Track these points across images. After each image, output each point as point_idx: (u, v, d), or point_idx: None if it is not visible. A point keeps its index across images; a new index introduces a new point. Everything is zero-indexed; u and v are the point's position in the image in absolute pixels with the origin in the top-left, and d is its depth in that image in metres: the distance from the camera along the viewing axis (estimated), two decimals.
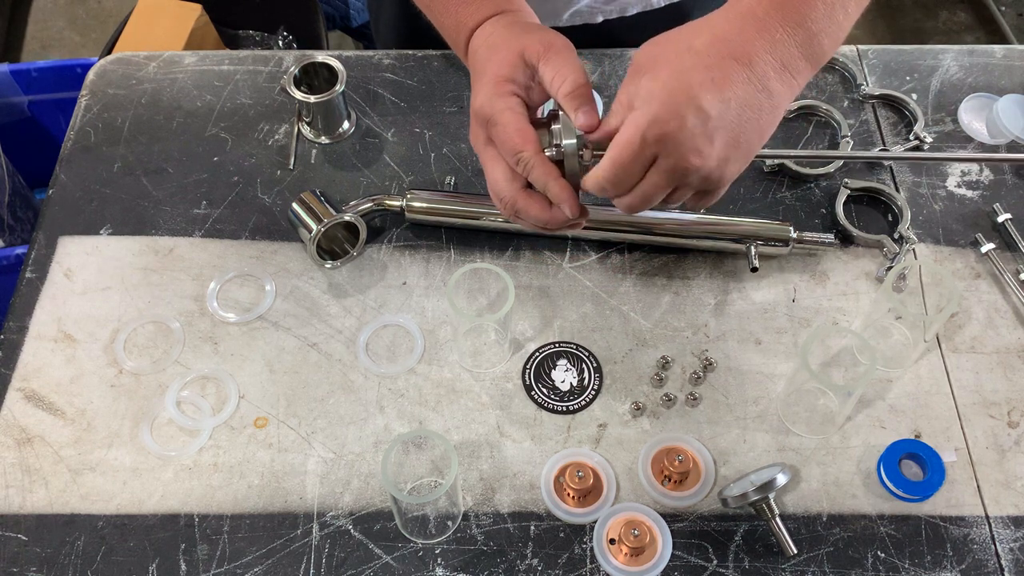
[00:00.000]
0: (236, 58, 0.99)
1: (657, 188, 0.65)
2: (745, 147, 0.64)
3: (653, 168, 0.64)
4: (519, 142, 0.67)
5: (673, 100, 0.61)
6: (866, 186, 0.87)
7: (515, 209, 0.70)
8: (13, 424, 0.76)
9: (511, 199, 0.70)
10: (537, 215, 0.70)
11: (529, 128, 0.67)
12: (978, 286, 0.83)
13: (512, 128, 0.67)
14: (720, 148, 0.63)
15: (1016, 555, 0.70)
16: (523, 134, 0.67)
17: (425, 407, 0.77)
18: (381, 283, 0.83)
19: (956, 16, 2.45)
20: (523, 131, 0.67)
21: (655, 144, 0.62)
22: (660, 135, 0.61)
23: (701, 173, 0.64)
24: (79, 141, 0.93)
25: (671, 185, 0.65)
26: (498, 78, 0.68)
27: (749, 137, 0.64)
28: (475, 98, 0.70)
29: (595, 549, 0.69)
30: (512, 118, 0.67)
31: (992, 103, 0.93)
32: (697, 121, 0.61)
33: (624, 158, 0.64)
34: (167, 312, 0.81)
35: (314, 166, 0.91)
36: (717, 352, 0.79)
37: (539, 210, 0.69)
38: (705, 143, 0.62)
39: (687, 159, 0.62)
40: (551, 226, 0.70)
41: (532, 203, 0.69)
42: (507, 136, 0.67)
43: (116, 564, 0.70)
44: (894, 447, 0.73)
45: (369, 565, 0.70)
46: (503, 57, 0.69)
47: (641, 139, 0.62)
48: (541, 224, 0.70)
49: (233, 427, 0.76)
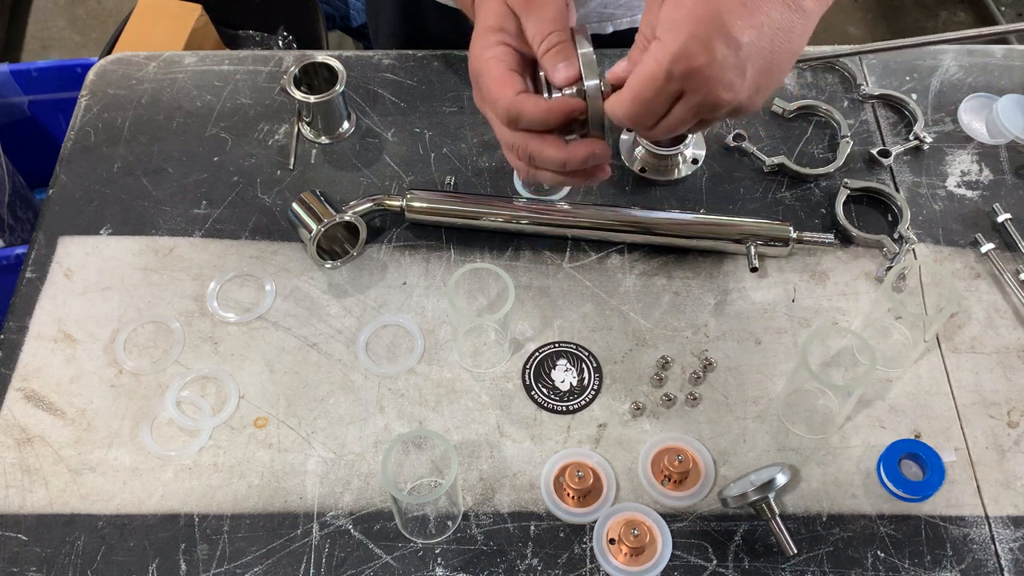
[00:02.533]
0: (236, 58, 0.99)
1: (682, 123, 0.61)
2: (777, 74, 0.60)
3: (679, 103, 0.59)
4: (496, 90, 0.63)
5: (701, 29, 0.55)
6: (866, 186, 0.87)
7: (529, 154, 0.65)
8: (13, 424, 0.76)
9: (523, 144, 0.65)
10: (554, 155, 0.64)
11: (510, 75, 0.64)
12: (978, 286, 0.83)
13: (492, 77, 0.64)
14: (752, 79, 0.58)
15: (1016, 555, 0.70)
16: (501, 81, 0.63)
17: (425, 407, 0.77)
18: (381, 283, 0.83)
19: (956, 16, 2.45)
20: (502, 78, 0.63)
21: (681, 80, 0.57)
22: (687, 70, 0.56)
23: (731, 107, 0.59)
24: (79, 141, 0.93)
25: (697, 119, 0.61)
26: (485, 29, 0.65)
27: (781, 63, 0.59)
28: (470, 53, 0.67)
29: (595, 549, 0.70)
30: (494, 67, 0.64)
31: (992, 103, 0.93)
32: (728, 52, 0.56)
33: (647, 94, 0.59)
34: (167, 312, 0.81)
35: (314, 166, 0.91)
36: (717, 352, 0.79)
37: (555, 149, 0.64)
38: (736, 76, 0.57)
39: (717, 95, 0.58)
40: (573, 164, 0.64)
41: (545, 143, 0.64)
42: (487, 86, 0.64)
43: (116, 564, 0.70)
44: (894, 447, 0.73)
45: (369, 565, 0.70)
46: (490, 7, 0.66)
47: (666, 75, 0.57)
48: (560, 165, 0.65)
49: (233, 427, 0.76)
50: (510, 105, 0.63)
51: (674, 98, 0.59)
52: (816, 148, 0.91)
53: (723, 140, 0.91)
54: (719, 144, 0.91)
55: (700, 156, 0.89)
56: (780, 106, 0.93)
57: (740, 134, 0.90)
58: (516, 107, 0.63)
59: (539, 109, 0.63)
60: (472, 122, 0.93)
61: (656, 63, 0.57)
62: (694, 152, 0.89)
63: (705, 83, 0.57)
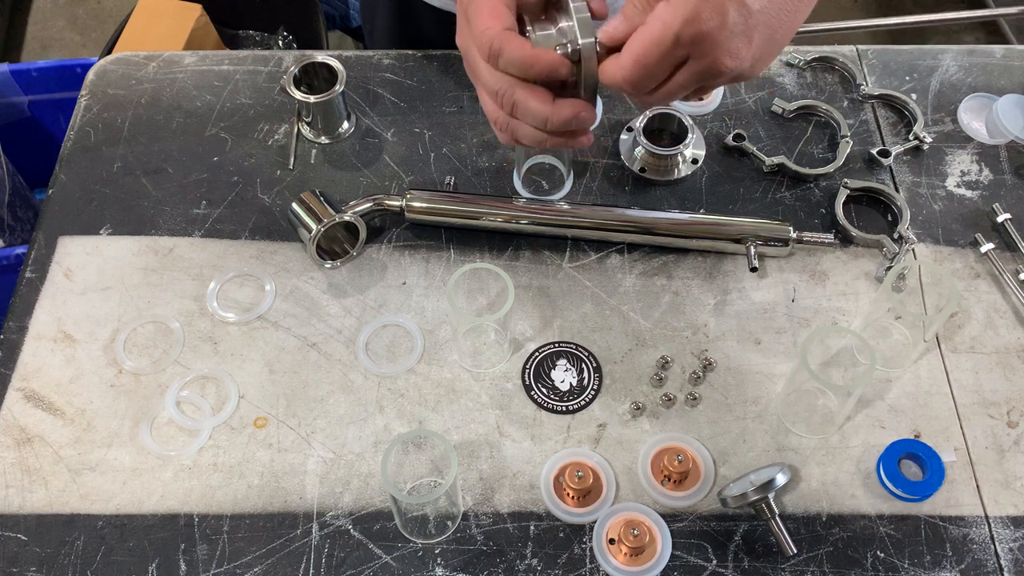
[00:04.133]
0: (236, 58, 0.99)
1: (681, 89, 0.59)
2: (780, 42, 0.59)
3: (682, 69, 0.57)
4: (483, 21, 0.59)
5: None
6: (865, 186, 0.87)
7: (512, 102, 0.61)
8: (13, 424, 0.76)
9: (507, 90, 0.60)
10: (537, 108, 0.60)
11: (501, 8, 0.60)
12: (978, 286, 0.83)
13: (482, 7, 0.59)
14: (757, 47, 0.57)
15: (1015, 555, 0.70)
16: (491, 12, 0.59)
17: (425, 407, 0.77)
18: (381, 283, 0.83)
19: None
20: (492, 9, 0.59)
21: (689, 45, 0.55)
22: (697, 34, 0.54)
23: (732, 75, 0.58)
24: (79, 141, 0.93)
25: (698, 85, 0.59)
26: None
27: (785, 31, 0.58)
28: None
29: (595, 549, 0.70)
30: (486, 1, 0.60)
31: (992, 103, 0.93)
32: (739, 18, 0.54)
33: (650, 58, 0.56)
34: (167, 312, 0.81)
35: (314, 166, 0.91)
36: (717, 352, 0.79)
37: (539, 102, 0.60)
38: (743, 43, 0.56)
39: (722, 61, 0.56)
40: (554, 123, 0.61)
41: (531, 93, 0.60)
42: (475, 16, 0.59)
43: (116, 564, 0.70)
44: (893, 447, 0.73)
45: (369, 565, 0.70)
46: None
47: (674, 39, 0.55)
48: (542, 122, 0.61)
49: (233, 427, 0.76)
50: (495, 37, 0.59)
51: (678, 63, 0.57)
52: (816, 148, 0.91)
53: (723, 140, 0.91)
54: (719, 144, 0.91)
55: (700, 156, 0.89)
56: (780, 106, 0.93)
57: (740, 134, 0.90)
58: (500, 41, 0.59)
59: (523, 51, 0.59)
60: (472, 122, 0.93)
61: (664, 25, 0.55)
62: (694, 152, 0.89)
63: (713, 48, 0.55)
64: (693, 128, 0.88)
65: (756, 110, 0.94)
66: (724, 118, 0.93)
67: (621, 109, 0.94)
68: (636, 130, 0.89)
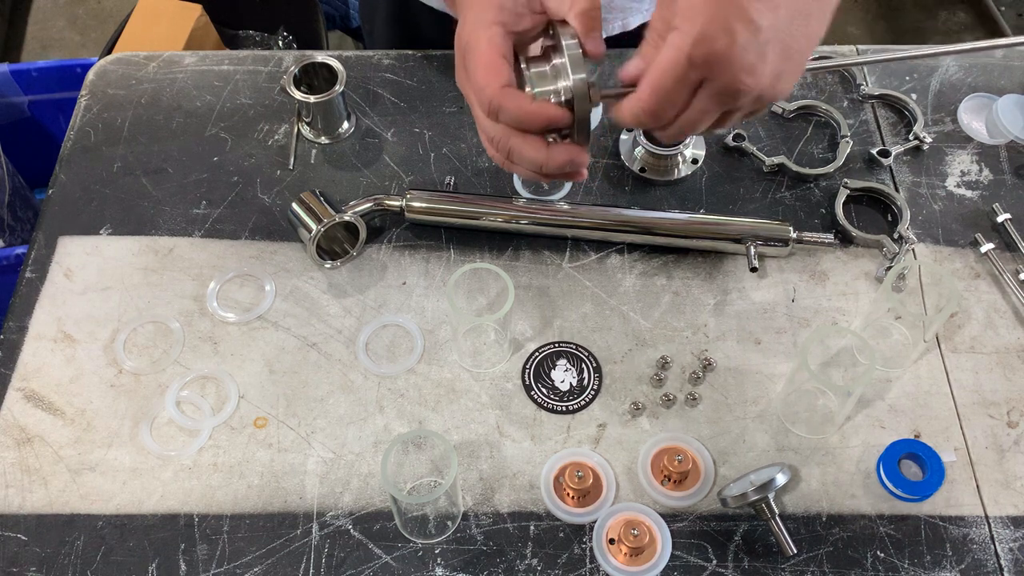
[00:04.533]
0: (236, 58, 0.99)
1: (704, 115, 0.59)
2: (797, 59, 0.59)
3: (700, 93, 0.58)
4: (482, 76, 0.60)
5: (720, 13, 0.54)
6: (865, 186, 0.87)
7: (507, 150, 0.63)
8: (13, 424, 0.76)
9: (502, 139, 0.63)
10: (532, 155, 0.62)
11: (500, 62, 0.61)
12: (978, 286, 0.83)
13: (481, 61, 0.61)
14: (773, 63, 0.57)
15: (1015, 555, 0.70)
16: (490, 67, 0.60)
17: (425, 407, 0.77)
18: (381, 283, 0.83)
19: (956, 16, 2.45)
20: (491, 64, 0.61)
21: (702, 66, 0.56)
22: (707, 54, 0.55)
23: (753, 94, 0.58)
24: (79, 141, 0.93)
25: (720, 110, 0.60)
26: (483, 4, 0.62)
27: (801, 47, 0.59)
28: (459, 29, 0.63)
29: (595, 549, 0.70)
30: (486, 49, 0.61)
31: (992, 103, 0.93)
32: (748, 35, 0.55)
33: (665, 84, 0.57)
34: (167, 312, 0.81)
35: (314, 166, 0.91)
36: (717, 352, 0.79)
37: (534, 150, 0.62)
38: (758, 59, 0.56)
39: (739, 80, 0.56)
40: (549, 168, 0.63)
41: (525, 142, 0.62)
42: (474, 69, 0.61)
43: (116, 564, 0.70)
44: (893, 447, 0.73)
45: (369, 565, 0.70)
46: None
47: (686, 61, 0.56)
48: (537, 167, 0.63)
49: (233, 427, 0.76)
50: (493, 96, 0.61)
51: (694, 87, 0.58)
52: (816, 148, 0.91)
53: (723, 140, 0.91)
54: (719, 144, 0.91)
55: (700, 156, 0.89)
56: (780, 106, 0.93)
57: (740, 134, 0.90)
58: (499, 100, 0.61)
59: (520, 109, 0.61)
60: (472, 122, 0.93)
61: (676, 50, 0.56)
62: (694, 152, 0.89)
63: (727, 67, 0.56)
64: None
65: None
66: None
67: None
68: (636, 130, 0.89)
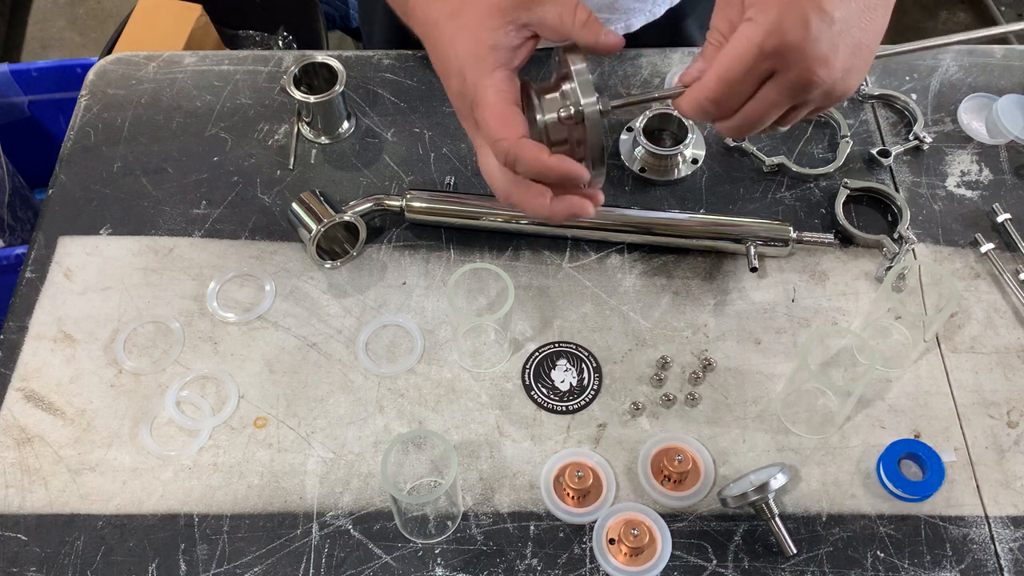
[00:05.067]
0: (236, 58, 0.99)
1: (772, 107, 0.58)
2: (866, 53, 0.59)
3: (769, 84, 0.57)
4: (497, 129, 0.59)
5: (795, 4, 0.54)
6: (865, 186, 0.87)
7: (512, 202, 0.63)
8: (13, 424, 0.76)
9: (505, 191, 0.62)
10: (536, 210, 0.62)
11: (512, 111, 0.59)
12: (978, 286, 0.83)
13: (493, 112, 0.59)
14: (844, 56, 0.56)
15: (1015, 555, 0.70)
16: (504, 118, 0.59)
17: (425, 407, 0.77)
18: (381, 283, 0.83)
19: (956, 16, 2.45)
20: (504, 116, 0.59)
21: (774, 56, 0.55)
22: (780, 45, 0.54)
23: (825, 87, 0.57)
24: (79, 141, 0.93)
25: (789, 103, 0.58)
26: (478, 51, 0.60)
27: (869, 42, 0.58)
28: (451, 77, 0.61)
29: (595, 549, 0.69)
30: (494, 100, 0.59)
31: (992, 103, 0.93)
32: (823, 26, 0.54)
33: (735, 73, 0.56)
34: (167, 312, 0.81)
35: (314, 166, 0.91)
36: (717, 352, 0.79)
37: (538, 205, 0.61)
38: (831, 51, 0.55)
39: (812, 71, 0.55)
40: (556, 220, 0.63)
41: (530, 195, 0.61)
42: (485, 120, 0.59)
43: (116, 564, 0.70)
44: (893, 447, 0.73)
45: (369, 565, 0.70)
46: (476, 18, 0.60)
47: (758, 51, 0.55)
48: (541, 217, 0.63)
49: (233, 427, 0.76)
50: (510, 148, 0.59)
51: (761, 79, 0.57)
52: (816, 148, 0.91)
53: (723, 140, 0.91)
54: (719, 144, 0.91)
55: (700, 156, 0.89)
56: None
57: None
58: (515, 152, 0.59)
59: (538, 162, 0.59)
60: None
61: (748, 40, 0.55)
62: (694, 152, 0.89)
63: (800, 58, 0.55)
64: (693, 128, 0.89)
65: None
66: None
67: (621, 109, 0.94)
68: (636, 130, 0.89)
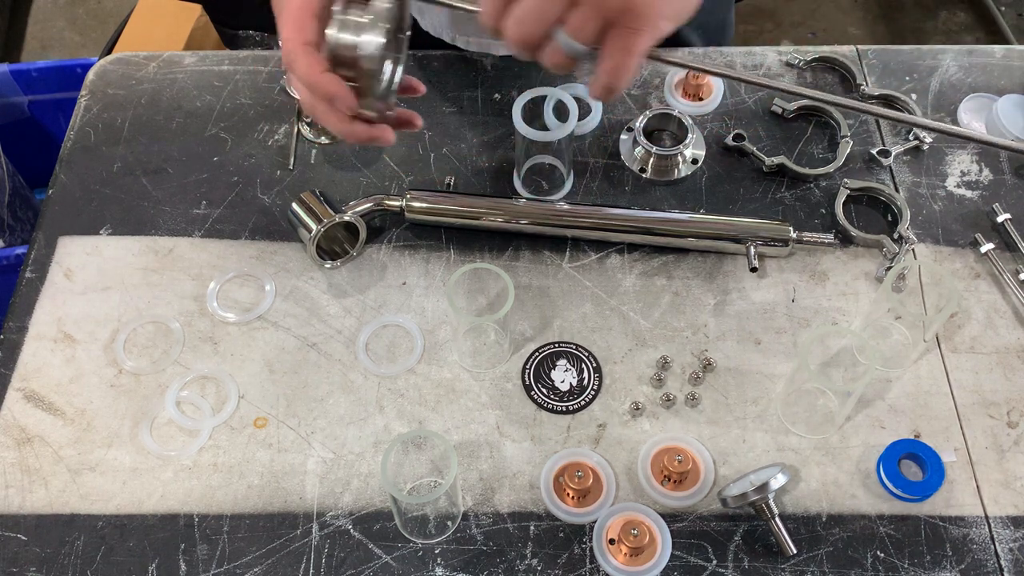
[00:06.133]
0: (236, 58, 0.99)
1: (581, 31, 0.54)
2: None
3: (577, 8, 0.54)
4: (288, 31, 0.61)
5: None
6: (865, 186, 0.87)
7: (314, 114, 0.65)
8: (13, 424, 0.76)
9: (308, 102, 0.65)
10: (334, 125, 0.65)
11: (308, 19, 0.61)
12: (977, 286, 0.83)
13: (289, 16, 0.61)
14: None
15: (1015, 555, 0.70)
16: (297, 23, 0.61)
17: (425, 407, 0.77)
18: (381, 283, 0.83)
19: (956, 16, 2.45)
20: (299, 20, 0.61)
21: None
22: None
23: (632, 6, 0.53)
24: (79, 141, 0.93)
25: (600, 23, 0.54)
26: None
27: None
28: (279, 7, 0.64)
29: (595, 549, 0.70)
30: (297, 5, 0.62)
31: (992, 103, 0.93)
32: None
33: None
34: (167, 312, 0.81)
35: (314, 166, 0.91)
36: (717, 352, 0.79)
37: (337, 120, 0.64)
38: None
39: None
40: (356, 138, 0.65)
41: (330, 112, 0.64)
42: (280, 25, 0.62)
43: (116, 564, 0.70)
44: (893, 447, 0.73)
45: (369, 565, 0.70)
46: None
47: None
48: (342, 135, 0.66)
49: (233, 427, 0.76)
50: (292, 50, 0.62)
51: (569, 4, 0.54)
52: (816, 148, 0.91)
53: (723, 140, 0.91)
54: (719, 144, 0.91)
55: (700, 156, 0.89)
56: (780, 106, 0.93)
57: (740, 134, 0.90)
58: (293, 56, 0.62)
59: (309, 74, 0.61)
60: (472, 122, 0.93)
61: None
62: (694, 152, 0.89)
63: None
64: (693, 128, 0.89)
65: (756, 110, 0.94)
66: (724, 118, 0.93)
67: (621, 109, 0.94)
68: (636, 130, 0.89)
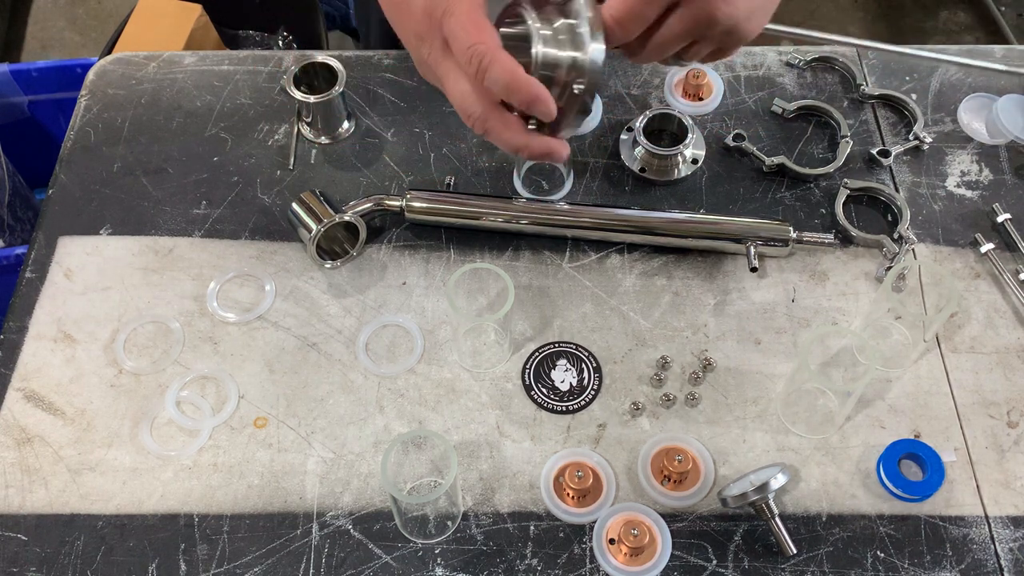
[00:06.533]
0: (236, 58, 0.99)
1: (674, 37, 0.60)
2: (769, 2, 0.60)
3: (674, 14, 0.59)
4: (472, 33, 0.57)
5: None
6: (865, 186, 0.87)
7: (485, 129, 0.61)
8: (13, 424, 0.76)
9: (480, 116, 0.60)
10: (511, 139, 0.61)
11: (485, 20, 0.58)
12: (977, 286, 0.83)
13: (467, 18, 0.57)
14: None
15: (1015, 555, 0.70)
16: (478, 25, 0.57)
17: (425, 407, 0.77)
18: (381, 283, 0.83)
19: (956, 16, 2.45)
20: (478, 22, 0.58)
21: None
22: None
23: (726, 24, 0.59)
24: (79, 141, 0.93)
25: (690, 36, 0.60)
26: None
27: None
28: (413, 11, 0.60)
29: (595, 549, 0.69)
30: (469, 6, 0.58)
31: (992, 103, 0.93)
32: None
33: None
34: (167, 312, 0.81)
35: (314, 166, 0.91)
36: (717, 352, 0.79)
37: (514, 133, 0.60)
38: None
39: (715, 6, 0.57)
40: (530, 153, 0.62)
41: (506, 124, 0.60)
42: (457, 29, 0.57)
43: (116, 564, 0.70)
44: (893, 447, 0.73)
45: (369, 565, 0.70)
46: None
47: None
48: (516, 150, 0.62)
49: (233, 427, 0.76)
50: (486, 53, 0.56)
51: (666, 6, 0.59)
52: (816, 148, 0.91)
53: (723, 140, 0.91)
54: (719, 144, 0.91)
55: (700, 156, 0.89)
56: (780, 106, 0.93)
57: (740, 134, 0.90)
58: (490, 58, 0.57)
59: (511, 75, 0.57)
60: None
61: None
62: (694, 152, 0.89)
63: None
64: (693, 128, 0.89)
65: (756, 110, 0.94)
66: (724, 118, 0.93)
67: (621, 109, 0.94)
68: (636, 130, 0.89)
